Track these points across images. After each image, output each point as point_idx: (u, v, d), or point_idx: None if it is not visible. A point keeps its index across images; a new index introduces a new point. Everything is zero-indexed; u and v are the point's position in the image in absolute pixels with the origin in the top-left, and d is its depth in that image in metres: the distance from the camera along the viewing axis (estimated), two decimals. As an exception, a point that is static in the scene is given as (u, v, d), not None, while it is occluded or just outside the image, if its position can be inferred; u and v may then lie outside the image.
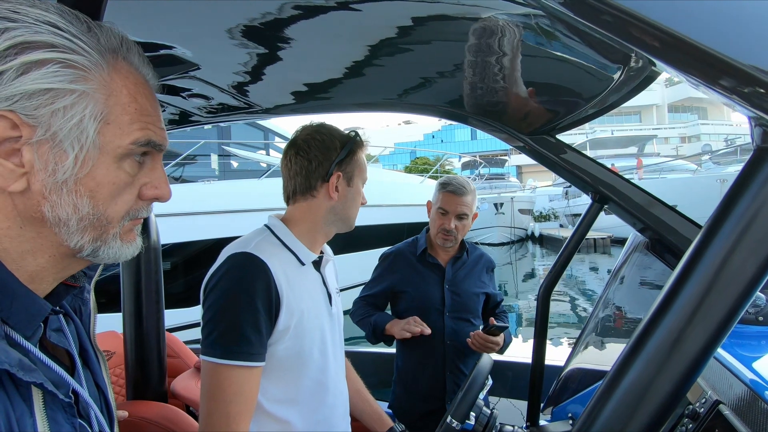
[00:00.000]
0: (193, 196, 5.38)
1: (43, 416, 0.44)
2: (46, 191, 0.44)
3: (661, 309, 0.38)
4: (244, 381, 0.83)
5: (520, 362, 2.12)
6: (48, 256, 0.47)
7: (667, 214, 1.05)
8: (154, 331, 1.41)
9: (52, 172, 0.44)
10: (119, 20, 0.69)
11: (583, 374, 1.28)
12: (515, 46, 0.74)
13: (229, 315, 0.84)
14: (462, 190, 1.69)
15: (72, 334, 0.56)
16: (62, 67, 0.43)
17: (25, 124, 0.42)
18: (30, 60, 0.41)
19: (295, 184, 1.00)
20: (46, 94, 0.42)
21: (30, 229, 0.45)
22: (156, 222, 1.43)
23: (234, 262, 0.88)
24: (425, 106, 1.15)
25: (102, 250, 0.49)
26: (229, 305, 0.84)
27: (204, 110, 1.19)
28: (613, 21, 0.35)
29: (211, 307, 0.85)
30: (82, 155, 0.45)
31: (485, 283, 1.81)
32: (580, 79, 0.86)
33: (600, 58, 0.74)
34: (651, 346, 0.37)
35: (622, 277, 1.28)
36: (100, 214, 0.47)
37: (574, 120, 1.06)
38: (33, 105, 0.42)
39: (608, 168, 1.11)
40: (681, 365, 0.36)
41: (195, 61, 0.87)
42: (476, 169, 19.08)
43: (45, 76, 0.42)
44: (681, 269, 0.37)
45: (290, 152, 1.01)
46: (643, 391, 0.37)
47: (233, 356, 0.81)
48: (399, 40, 0.76)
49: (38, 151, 0.43)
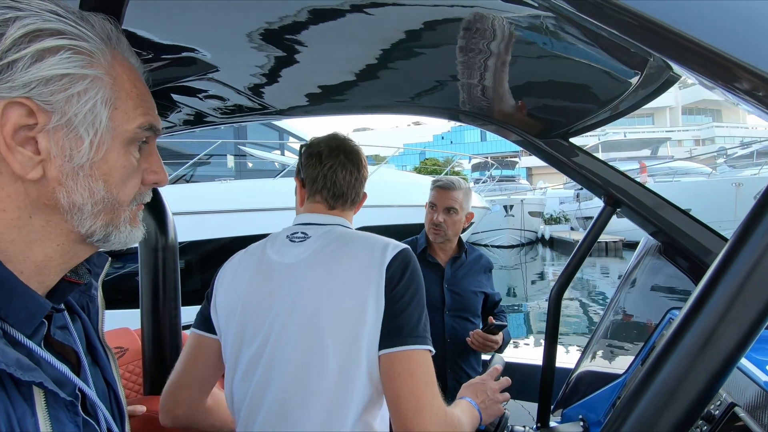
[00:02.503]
0: (209, 195, 5.44)
1: (46, 415, 0.43)
2: (63, 177, 0.44)
3: (694, 310, 0.38)
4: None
5: (528, 364, 2.11)
6: (56, 244, 0.47)
7: (680, 218, 1.05)
8: (171, 328, 1.42)
9: (69, 158, 0.44)
10: (140, 22, 0.71)
11: (594, 377, 1.28)
12: (530, 49, 0.75)
13: (425, 310, 0.87)
14: (450, 185, 1.78)
15: (78, 331, 0.55)
16: (73, 53, 0.43)
17: (42, 111, 0.42)
18: (44, 47, 0.41)
19: (355, 192, 1.02)
20: (62, 80, 0.43)
21: (40, 217, 0.45)
22: (173, 220, 1.46)
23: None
24: (438, 108, 1.16)
25: (113, 235, 0.49)
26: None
27: (219, 111, 1.21)
28: (629, 24, 0.35)
29: (413, 296, 0.86)
30: (96, 140, 0.45)
31: (483, 283, 1.84)
32: (597, 83, 0.86)
33: (617, 63, 0.74)
34: (683, 347, 0.38)
35: (634, 281, 1.27)
36: (113, 198, 0.48)
37: (589, 124, 1.05)
38: (49, 91, 0.42)
39: (621, 171, 1.11)
40: (712, 366, 0.37)
41: (214, 63, 0.89)
42: (486, 170, 18.96)
43: (60, 62, 0.42)
44: (713, 271, 0.38)
45: (354, 158, 1.01)
46: (674, 390, 0.38)
47: (431, 344, 0.85)
48: (413, 43, 0.77)
49: (54, 137, 0.43)
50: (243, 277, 0.92)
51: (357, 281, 0.84)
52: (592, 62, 0.76)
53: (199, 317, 0.97)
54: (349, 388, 0.81)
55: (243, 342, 0.88)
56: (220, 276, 0.96)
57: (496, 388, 1.00)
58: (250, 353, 0.87)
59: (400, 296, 0.83)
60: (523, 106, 1.03)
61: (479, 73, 0.89)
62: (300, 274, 0.87)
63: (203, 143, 6.14)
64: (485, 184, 15.83)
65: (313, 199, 1.01)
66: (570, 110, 1.02)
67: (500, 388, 1.01)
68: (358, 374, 0.81)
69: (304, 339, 0.82)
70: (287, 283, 0.87)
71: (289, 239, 0.93)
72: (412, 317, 0.83)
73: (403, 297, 0.84)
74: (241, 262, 0.95)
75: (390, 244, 0.90)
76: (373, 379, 0.82)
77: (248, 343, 0.87)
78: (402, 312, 0.82)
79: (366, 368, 0.81)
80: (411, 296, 0.84)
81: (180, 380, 0.93)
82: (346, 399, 0.81)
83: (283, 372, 0.83)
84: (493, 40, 0.72)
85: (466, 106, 1.12)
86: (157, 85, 0.99)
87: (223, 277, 0.95)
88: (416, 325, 0.83)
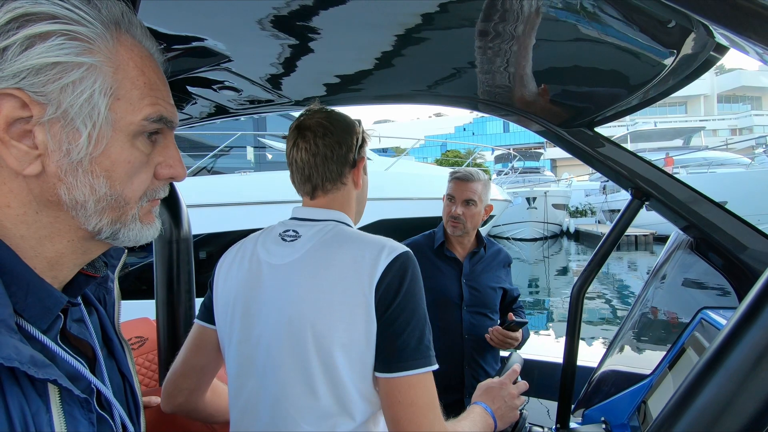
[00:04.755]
0: (229, 187, 5.51)
1: (60, 412, 0.42)
2: (62, 173, 0.42)
3: (744, 321, 0.33)
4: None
5: (547, 361, 2.07)
6: (66, 240, 0.46)
7: (715, 212, 0.99)
8: (186, 320, 1.45)
9: (66, 153, 0.42)
10: (154, 11, 0.70)
11: (618, 377, 1.23)
12: (553, 29, 0.71)
13: (427, 322, 0.79)
14: (469, 176, 1.74)
15: (95, 324, 0.55)
16: (67, 39, 0.40)
17: (35, 103, 0.40)
18: (33, 33, 0.38)
19: (325, 170, 0.86)
20: (54, 69, 0.40)
21: (47, 213, 0.44)
22: (188, 212, 1.47)
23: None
24: (456, 97, 1.12)
25: (122, 233, 0.47)
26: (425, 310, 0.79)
27: (235, 102, 1.21)
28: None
29: (412, 314, 0.76)
30: (95, 133, 0.43)
31: (502, 278, 1.81)
32: (627, 66, 0.81)
33: (651, 41, 0.68)
34: (729, 365, 0.32)
35: (663, 278, 1.21)
36: (118, 195, 0.45)
37: (616, 111, 1.00)
38: (41, 81, 0.40)
39: (650, 162, 1.05)
40: (766, 388, 0.31)
41: (227, 53, 0.88)
42: (509, 162, 18.62)
43: (51, 50, 0.39)
44: (766, 281, 0.33)
45: (309, 134, 0.86)
46: (716, 418, 0.32)
47: (433, 361, 0.78)
48: (430, 27, 0.74)
49: (51, 130, 0.41)
50: (235, 273, 0.88)
51: (345, 296, 0.75)
52: (622, 42, 0.71)
53: (201, 307, 0.96)
54: (341, 408, 0.76)
55: (237, 341, 0.85)
56: (218, 269, 0.94)
57: (514, 393, 0.94)
58: (244, 356, 0.84)
59: (397, 316, 0.75)
60: (545, 93, 0.99)
61: (499, 59, 0.85)
62: (287, 280, 0.80)
63: (223, 135, 6.22)
64: (507, 176, 15.53)
65: (297, 190, 0.92)
66: (596, 97, 0.97)
67: (518, 392, 0.96)
68: (348, 396, 0.76)
69: (292, 355, 0.76)
70: (274, 285, 0.81)
71: (281, 237, 0.86)
72: (412, 337, 0.75)
73: (399, 317, 0.75)
74: (236, 257, 0.90)
75: (384, 250, 0.78)
76: (368, 397, 0.77)
77: (242, 343, 0.84)
78: (400, 334, 0.74)
79: (356, 391, 0.76)
80: (410, 314, 0.75)
81: (181, 369, 0.93)
82: (340, 416, 0.76)
83: (276, 384, 0.78)
84: (514, 21, 0.69)
85: (486, 95, 1.08)
86: (171, 78, 0.99)
87: (220, 270, 0.93)
88: (417, 346, 0.75)
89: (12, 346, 0.38)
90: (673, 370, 0.95)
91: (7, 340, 0.38)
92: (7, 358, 0.37)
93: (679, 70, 0.77)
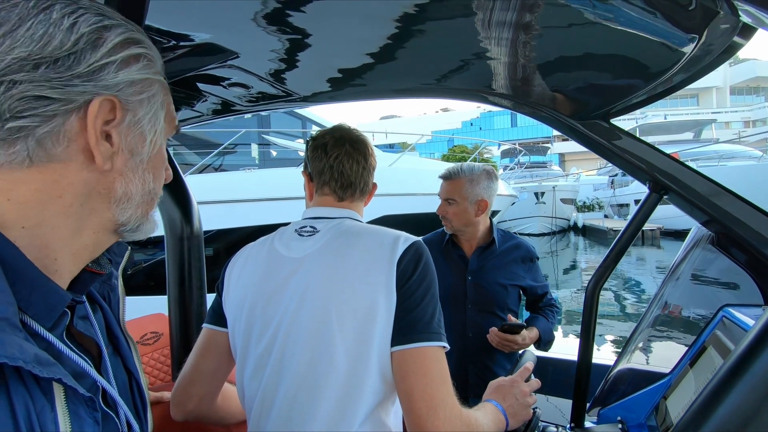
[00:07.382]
0: (234, 184, 5.54)
1: (65, 410, 0.42)
2: (126, 169, 0.49)
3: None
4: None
5: (562, 359, 2.04)
6: (92, 233, 0.49)
7: (737, 205, 0.95)
8: (198, 316, 1.46)
9: (133, 153, 0.49)
10: (163, 9, 0.69)
11: (636, 375, 1.20)
12: (567, 15, 0.68)
13: (438, 305, 0.85)
14: (447, 175, 1.74)
15: (99, 321, 0.56)
16: (149, 60, 0.50)
17: (121, 109, 0.47)
18: (132, 54, 0.48)
19: (362, 182, 0.99)
20: (141, 84, 0.49)
21: (89, 206, 0.47)
22: (198, 210, 1.48)
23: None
24: (465, 90, 1.10)
25: (143, 225, 0.53)
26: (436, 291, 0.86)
27: (244, 99, 1.20)
28: None
29: (427, 291, 0.83)
30: (154, 139, 0.51)
31: (519, 275, 1.72)
32: (645, 54, 0.77)
33: (671, 26, 0.65)
34: (760, 365, 0.30)
35: (683, 274, 1.18)
36: (155, 189, 0.53)
37: (633, 102, 0.97)
38: (131, 92, 0.48)
39: (668, 155, 1.02)
40: None
41: (234, 50, 0.87)
42: (516, 157, 18.48)
43: (143, 69, 0.49)
44: None
45: (360, 148, 0.99)
46: (747, 418, 0.30)
47: (445, 340, 0.82)
48: (439, 20, 0.72)
49: (124, 133, 0.48)
50: (251, 271, 0.91)
51: (366, 276, 0.81)
52: (639, 28, 0.68)
53: (210, 311, 0.97)
54: (359, 385, 0.79)
55: (252, 337, 0.87)
56: (229, 269, 0.96)
57: (526, 391, 0.95)
58: (260, 349, 0.86)
59: (413, 291, 0.81)
60: (559, 83, 0.96)
61: (509, 49, 0.82)
62: (308, 269, 0.85)
63: (228, 133, 6.24)
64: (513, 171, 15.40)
65: (321, 191, 0.99)
66: (612, 87, 0.94)
67: (530, 390, 0.96)
68: (368, 371, 0.79)
69: (313, 335, 0.81)
70: (295, 277, 0.85)
71: (298, 233, 0.91)
72: (425, 313, 0.80)
73: (416, 292, 0.81)
74: (250, 256, 0.94)
75: (401, 237, 0.86)
76: (385, 375, 0.80)
77: (257, 339, 0.87)
78: (415, 307, 0.80)
79: (377, 365, 0.79)
80: (424, 291, 0.82)
81: (191, 375, 0.94)
82: (357, 395, 0.79)
83: (294, 368, 0.82)
84: (527, 9, 0.66)
85: (497, 87, 1.05)
86: (181, 75, 0.98)
87: (231, 270, 0.95)
88: (430, 321, 0.80)
89: (16, 344, 0.38)
90: (694, 368, 0.93)
91: (11, 338, 0.38)
92: (11, 357, 0.37)
93: (701, 56, 0.74)
